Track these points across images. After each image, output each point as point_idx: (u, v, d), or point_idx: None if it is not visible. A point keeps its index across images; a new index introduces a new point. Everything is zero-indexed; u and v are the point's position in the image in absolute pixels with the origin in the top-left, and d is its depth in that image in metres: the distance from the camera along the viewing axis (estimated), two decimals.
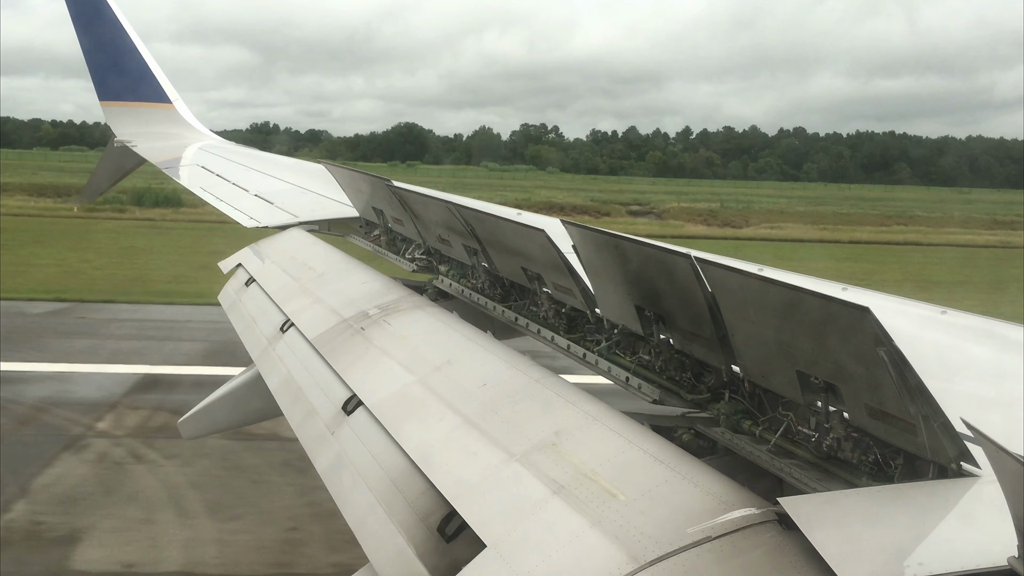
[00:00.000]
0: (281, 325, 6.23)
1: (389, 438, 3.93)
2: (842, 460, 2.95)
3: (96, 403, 16.87)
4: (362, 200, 8.51)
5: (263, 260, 8.32)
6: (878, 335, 2.48)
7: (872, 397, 2.71)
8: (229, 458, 14.05)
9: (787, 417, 3.18)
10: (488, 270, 5.77)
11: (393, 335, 5.14)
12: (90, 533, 11.51)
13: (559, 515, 2.86)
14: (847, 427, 2.91)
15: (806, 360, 2.91)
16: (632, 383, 4.11)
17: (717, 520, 2.55)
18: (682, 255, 3.35)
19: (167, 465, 13.97)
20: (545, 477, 3.09)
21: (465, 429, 3.70)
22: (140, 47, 18.02)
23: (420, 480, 3.52)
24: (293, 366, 5.49)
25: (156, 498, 12.75)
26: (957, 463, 2.58)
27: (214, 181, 13.19)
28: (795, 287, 2.76)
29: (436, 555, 3.18)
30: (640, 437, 3.19)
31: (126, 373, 18.99)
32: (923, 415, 2.55)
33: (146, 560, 10.90)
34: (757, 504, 2.61)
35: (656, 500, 2.77)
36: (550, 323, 5.02)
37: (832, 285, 4.68)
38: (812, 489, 2.91)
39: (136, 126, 17.79)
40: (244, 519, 12.13)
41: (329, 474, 4.11)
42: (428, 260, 7.12)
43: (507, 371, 4.15)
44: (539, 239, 4.51)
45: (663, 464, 2.96)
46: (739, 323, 3.22)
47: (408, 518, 3.40)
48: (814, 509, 2.48)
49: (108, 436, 15.18)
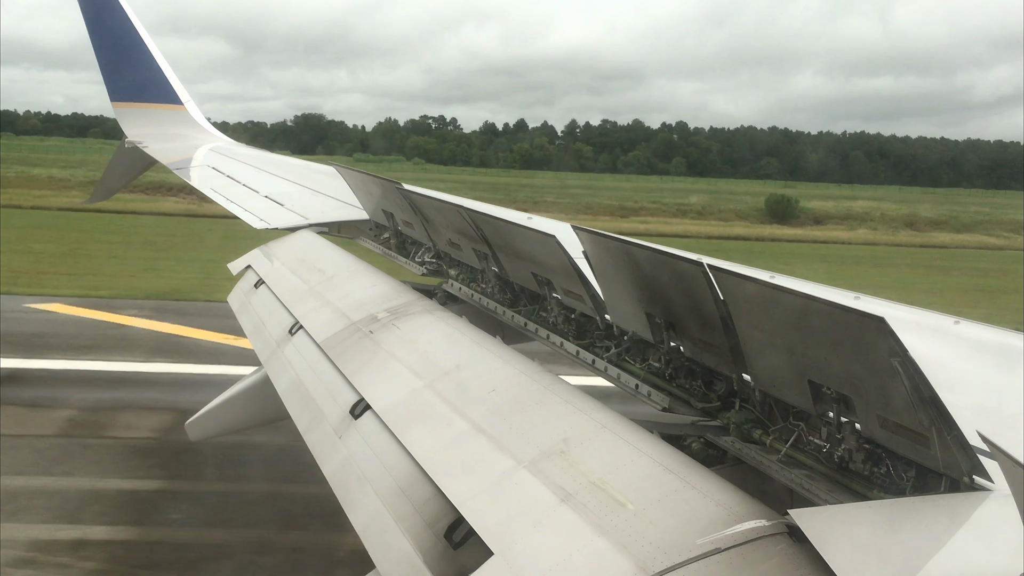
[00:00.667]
0: (290, 327, 6.23)
1: (397, 443, 3.91)
2: (853, 472, 2.92)
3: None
4: (372, 202, 8.51)
5: (272, 262, 8.33)
6: (892, 345, 2.46)
7: (885, 408, 2.69)
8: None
9: (798, 427, 3.16)
10: (498, 275, 5.76)
11: (402, 339, 5.13)
12: None
13: (567, 523, 2.84)
14: (859, 438, 2.89)
15: (818, 370, 2.89)
16: (642, 390, 4.09)
17: (727, 531, 2.53)
18: (694, 262, 3.33)
19: None
20: (553, 485, 3.07)
21: (473, 435, 3.69)
22: (152, 48, 18.13)
23: (427, 486, 3.51)
24: (301, 369, 5.49)
25: None
26: (970, 477, 2.56)
27: (224, 182, 13.24)
28: (808, 295, 2.74)
29: (443, 562, 3.17)
30: (649, 445, 3.17)
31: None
32: (936, 428, 2.53)
33: None
34: (767, 515, 2.59)
35: (665, 510, 2.75)
36: (559, 329, 5.01)
37: (845, 294, 4.66)
38: (823, 501, 2.88)
39: (147, 127, 17.88)
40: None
41: (336, 478, 4.10)
42: (438, 264, 7.11)
43: (516, 377, 4.13)
44: (550, 244, 4.50)
45: (672, 473, 2.94)
46: (751, 331, 3.20)
47: (415, 524, 3.38)
48: (825, 521, 2.45)
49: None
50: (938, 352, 4.15)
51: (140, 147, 16.90)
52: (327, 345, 5.49)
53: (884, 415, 2.71)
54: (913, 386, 2.49)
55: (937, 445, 2.56)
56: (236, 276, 8.59)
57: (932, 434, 2.55)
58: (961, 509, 2.49)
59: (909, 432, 2.64)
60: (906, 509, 2.54)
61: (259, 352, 6.41)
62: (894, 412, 2.65)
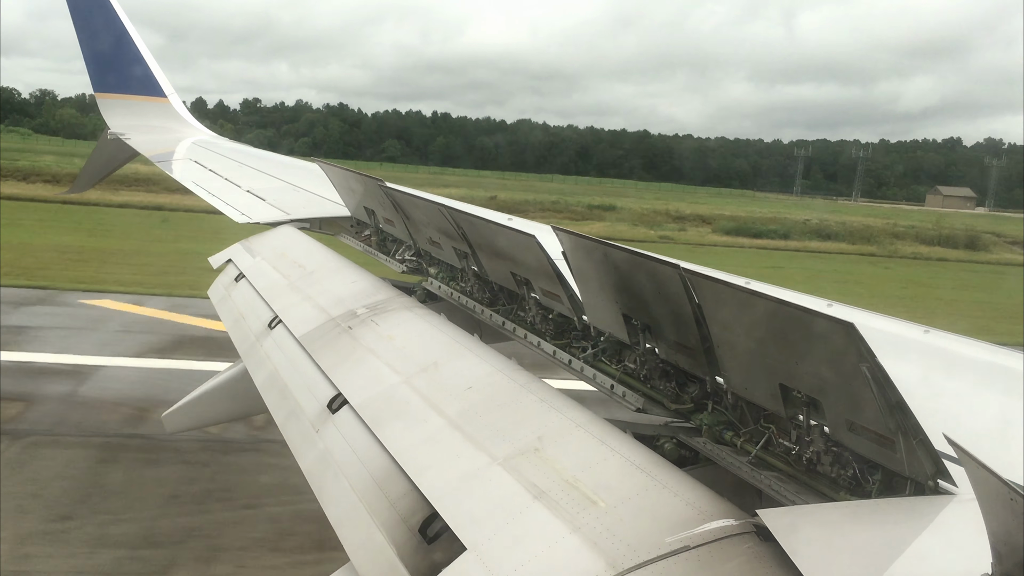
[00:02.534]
0: (269, 322, 6.22)
1: (373, 438, 3.93)
2: (821, 474, 2.97)
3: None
4: (354, 199, 8.51)
5: (253, 256, 8.31)
6: (861, 351, 2.50)
7: (853, 412, 2.74)
8: None
9: (768, 429, 3.20)
10: (477, 274, 5.78)
11: (380, 335, 5.14)
12: None
13: (540, 520, 2.87)
14: (827, 441, 2.94)
15: (789, 373, 2.94)
16: (616, 391, 4.13)
17: (696, 530, 2.56)
18: (671, 265, 3.37)
19: None
20: (527, 482, 3.10)
21: (449, 431, 3.71)
22: (137, 40, 18.01)
23: (403, 481, 3.53)
24: (280, 363, 5.49)
25: None
26: (934, 480, 2.61)
27: (207, 176, 13.16)
28: (781, 300, 2.79)
29: (417, 556, 3.19)
30: (622, 445, 3.21)
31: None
32: (902, 432, 2.58)
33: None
34: (736, 515, 2.63)
35: (636, 508, 2.79)
36: (537, 328, 5.04)
37: (818, 301, 4.71)
38: (791, 502, 2.93)
39: (130, 119, 17.76)
40: None
41: (312, 472, 4.11)
42: (418, 262, 7.13)
43: (493, 375, 4.16)
44: (529, 244, 4.53)
45: (644, 473, 2.98)
46: (724, 335, 3.24)
47: (390, 518, 3.40)
48: (792, 522, 2.50)
49: None
50: (907, 360, 4.22)
51: (122, 139, 16.78)
52: (306, 340, 5.49)
53: (852, 419, 2.75)
54: (880, 391, 2.53)
55: (903, 449, 2.61)
56: (217, 269, 8.57)
57: (898, 438, 2.60)
58: (925, 512, 2.54)
59: (876, 436, 2.69)
60: (871, 510, 2.58)
61: (238, 346, 6.39)
62: (862, 416, 2.70)
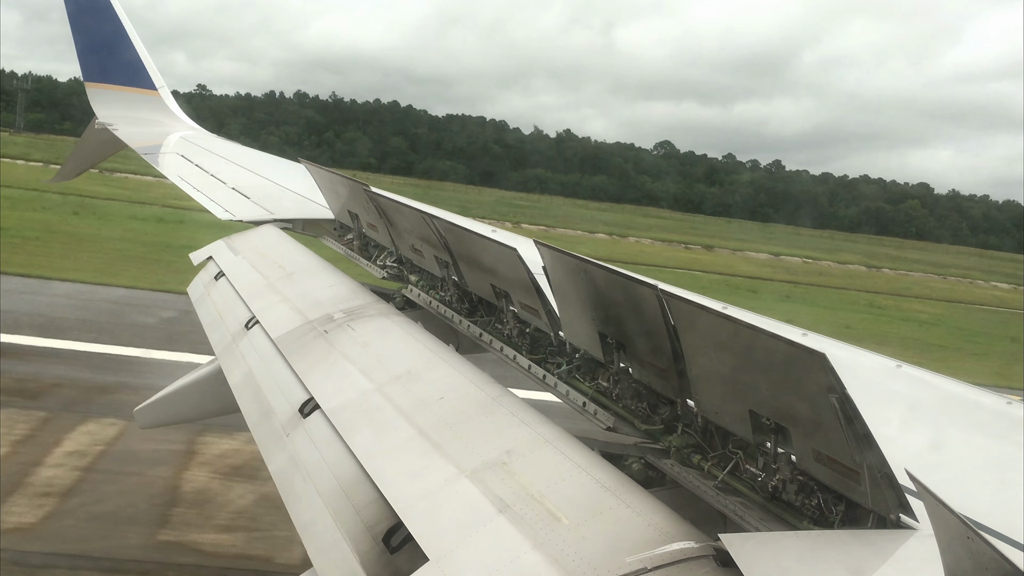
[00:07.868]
0: (246, 322, 6.19)
1: (343, 444, 3.92)
2: (786, 502, 2.99)
3: None
4: (338, 202, 8.49)
5: (234, 255, 8.27)
6: (831, 381, 2.52)
7: (820, 442, 2.75)
8: None
9: (736, 455, 3.22)
10: (458, 284, 5.78)
11: (356, 341, 5.12)
12: None
13: (503, 534, 2.87)
14: (793, 469, 2.95)
15: (759, 400, 2.95)
16: (588, 408, 4.14)
17: (656, 551, 2.57)
18: (649, 286, 3.38)
19: None
20: (492, 495, 3.10)
21: (419, 441, 3.70)
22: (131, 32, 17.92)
23: (370, 489, 3.51)
24: (255, 364, 5.46)
25: None
26: (896, 514, 2.63)
27: (192, 170, 13.09)
28: (755, 327, 2.80)
29: (379, 565, 3.18)
30: (590, 463, 3.21)
31: None
32: (868, 464, 2.60)
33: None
34: (697, 538, 2.64)
35: (599, 527, 2.79)
36: (514, 342, 5.04)
37: (793, 329, 4.75)
38: (754, 528, 2.94)
39: (119, 110, 17.65)
40: None
41: (280, 475, 4.09)
42: (399, 268, 7.11)
43: (466, 386, 4.15)
44: (511, 257, 4.54)
45: (609, 492, 2.98)
46: (697, 358, 3.26)
47: (355, 526, 3.39)
48: (753, 548, 2.51)
49: None
50: (877, 393, 4.25)
51: (110, 129, 16.67)
52: (281, 342, 5.47)
53: (819, 449, 2.77)
54: (848, 423, 2.55)
55: (867, 481, 2.63)
56: (197, 266, 8.51)
57: (863, 471, 2.62)
58: (885, 546, 2.56)
59: (842, 467, 2.70)
60: (832, 542, 2.60)
61: (214, 344, 6.35)
62: (829, 447, 2.72)
